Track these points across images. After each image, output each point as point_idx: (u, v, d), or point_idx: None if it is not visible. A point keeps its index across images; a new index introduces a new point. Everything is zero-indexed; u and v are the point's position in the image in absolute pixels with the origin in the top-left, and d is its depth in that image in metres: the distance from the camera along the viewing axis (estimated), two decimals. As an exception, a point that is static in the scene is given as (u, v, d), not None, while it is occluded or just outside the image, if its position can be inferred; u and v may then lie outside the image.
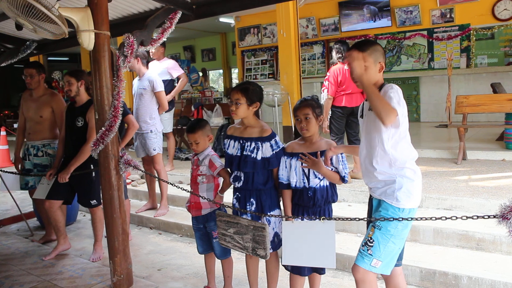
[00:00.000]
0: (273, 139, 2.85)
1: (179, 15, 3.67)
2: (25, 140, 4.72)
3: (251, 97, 2.86)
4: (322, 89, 5.26)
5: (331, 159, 2.69)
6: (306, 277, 2.90)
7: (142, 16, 4.18)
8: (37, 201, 4.59)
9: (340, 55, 5.18)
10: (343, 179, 2.70)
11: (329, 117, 5.25)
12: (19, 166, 4.77)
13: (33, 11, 2.77)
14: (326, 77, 5.25)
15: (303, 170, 2.72)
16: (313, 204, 2.71)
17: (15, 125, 12.04)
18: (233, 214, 2.88)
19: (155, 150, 5.02)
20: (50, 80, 13.31)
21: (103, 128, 3.11)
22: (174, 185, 3.16)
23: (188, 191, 3.12)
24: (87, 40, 3.03)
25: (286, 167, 2.80)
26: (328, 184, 2.74)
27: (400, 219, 2.30)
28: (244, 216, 2.75)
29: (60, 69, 17.03)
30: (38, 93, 4.54)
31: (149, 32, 3.50)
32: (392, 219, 2.30)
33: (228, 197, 3.13)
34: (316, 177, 2.70)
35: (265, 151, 2.82)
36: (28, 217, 5.52)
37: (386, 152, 2.37)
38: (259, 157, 2.82)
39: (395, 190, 2.36)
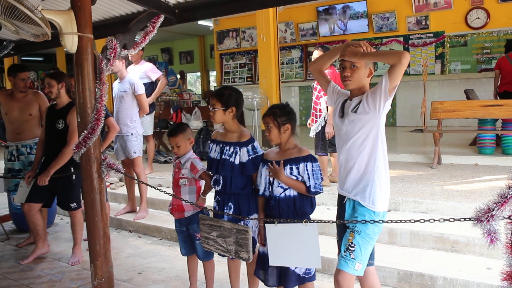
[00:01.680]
0: (250, 145, 2.87)
1: (161, 19, 3.68)
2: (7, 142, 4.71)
3: (226, 102, 2.89)
4: (323, 93, 5.18)
5: (298, 169, 2.63)
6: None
7: (125, 19, 4.17)
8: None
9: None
10: (308, 189, 2.62)
11: (325, 119, 5.19)
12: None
13: (16, 13, 2.75)
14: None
15: (269, 178, 2.72)
16: (279, 214, 2.65)
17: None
18: (214, 217, 2.91)
19: (135, 153, 5.01)
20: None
21: (85, 131, 3.09)
22: (157, 188, 3.16)
23: (170, 194, 3.14)
24: (70, 42, 3.02)
25: (260, 174, 2.81)
26: (295, 194, 2.67)
27: (380, 221, 2.37)
28: (223, 219, 2.78)
29: (35, 69, 16.72)
30: (22, 93, 4.58)
31: (132, 36, 3.49)
32: (372, 221, 2.37)
33: (211, 200, 3.17)
34: (278, 186, 2.67)
35: (242, 156, 2.85)
36: (4, 220, 5.42)
37: (377, 146, 2.42)
38: (237, 162, 2.85)
39: (371, 192, 2.42)
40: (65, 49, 3.12)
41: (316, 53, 5.28)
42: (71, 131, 3.96)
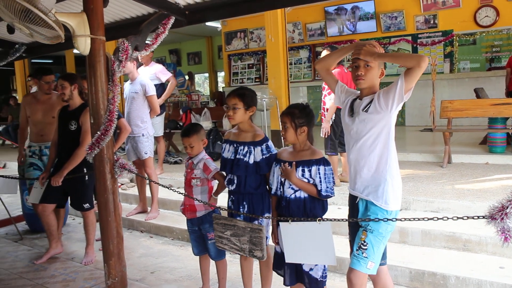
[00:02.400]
0: (264, 144, 2.89)
1: (172, 20, 3.71)
2: (28, 142, 4.78)
3: (248, 102, 2.92)
4: (328, 91, 5.18)
5: (310, 171, 2.61)
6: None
7: (135, 21, 4.21)
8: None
9: None
10: (319, 193, 2.59)
11: (332, 119, 5.22)
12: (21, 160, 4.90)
13: (30, 16, 2.79)
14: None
15: (281, 179, 2.71)
16: (289, 215, 2.63)
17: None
18: (228, 216, 2.94)
19: (146, 153, 5.05)
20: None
21: (98, 132, 3.13)
22: (170, 188, 3.19)
23: (183, 194, 3.17)
24: (83, 45, 3.06)
25: (273, 174, 2.81)
26: (306, 196, 2.64)
27: (394, 219, 2.38)
28: (238, 218, 2.80)
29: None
30: (46, 95, 4.66)
31: (143, 37, 3.53)
32: (386, 219, 2.37)
33: (222, 200, 3.19)
34: (289, 187, 2.66)
35: (256, 155, 2.87)
36: (17, 220, 5.48)
37: (388, 145, 2.43)
38: (251, 161, 2.87)
39: (384, 192, 2.43)
40: (74, 51, 3.17)
41: (325, 53, 5.28)
42: (83, 132, 4.00)
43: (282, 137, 2.81)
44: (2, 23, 4.16)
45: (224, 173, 3.10)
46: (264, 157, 2.86)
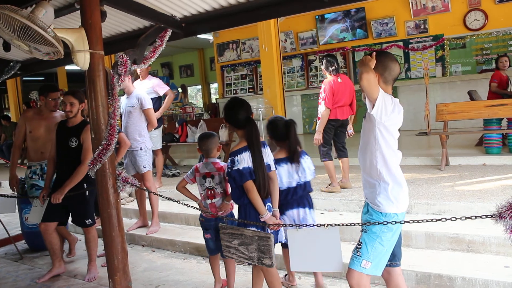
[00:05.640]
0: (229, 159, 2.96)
1: (169, 33, 3.73)
2: (26, 161, 4.74)
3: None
4: (319, 101, 5.24)
5: None
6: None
7: (132, 34, 4.22)
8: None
9: (333, 68, 5.23)
10: None
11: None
12: (16, 185, 4.82)
13: (30, 33, 2.79)
14: (321, 90, 5.24)
15: None
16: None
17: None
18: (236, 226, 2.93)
19: (145, 167, 5.03)
20: (28, 100, 13.16)
21: (100, 147, 3.12)
22: (175, 200, 3.17)
23: (189, 206, 3.16)
24: (83, 60, 3.06)
25: None
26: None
27: (393, 222, 2.39)
28: (250, 228, 2.79)
29: (37, 89, 16.75)
30: (51, 112, 4.64)
31: (141, 51, 3.54)
32: (390, 222, 2.39)
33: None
34: None
35: None
36: (16, 240, 5.42)
37: (375, 152, 2.47)
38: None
39: (376, 195, 2.47)
40: (66, 68, 3.17)
41: (327, 64, 5.27)
42: (85, 150, 3.97)
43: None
44: (-4, 42, 4.16)
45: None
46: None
